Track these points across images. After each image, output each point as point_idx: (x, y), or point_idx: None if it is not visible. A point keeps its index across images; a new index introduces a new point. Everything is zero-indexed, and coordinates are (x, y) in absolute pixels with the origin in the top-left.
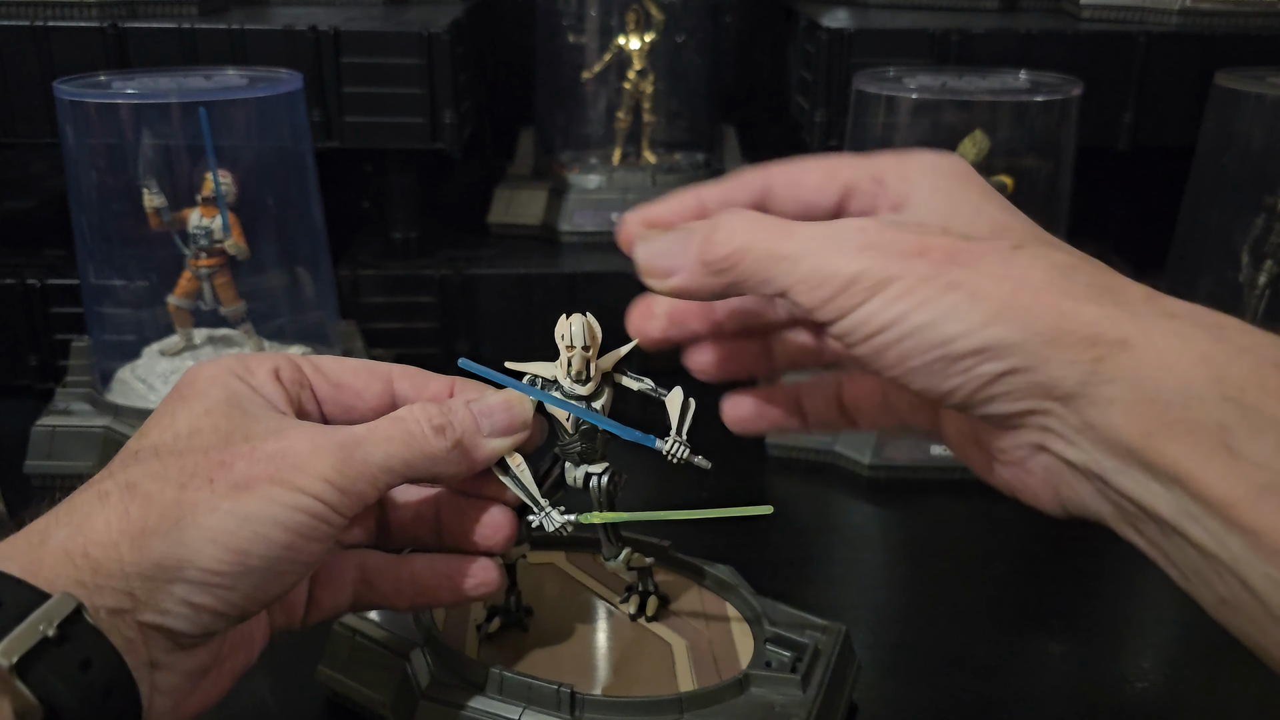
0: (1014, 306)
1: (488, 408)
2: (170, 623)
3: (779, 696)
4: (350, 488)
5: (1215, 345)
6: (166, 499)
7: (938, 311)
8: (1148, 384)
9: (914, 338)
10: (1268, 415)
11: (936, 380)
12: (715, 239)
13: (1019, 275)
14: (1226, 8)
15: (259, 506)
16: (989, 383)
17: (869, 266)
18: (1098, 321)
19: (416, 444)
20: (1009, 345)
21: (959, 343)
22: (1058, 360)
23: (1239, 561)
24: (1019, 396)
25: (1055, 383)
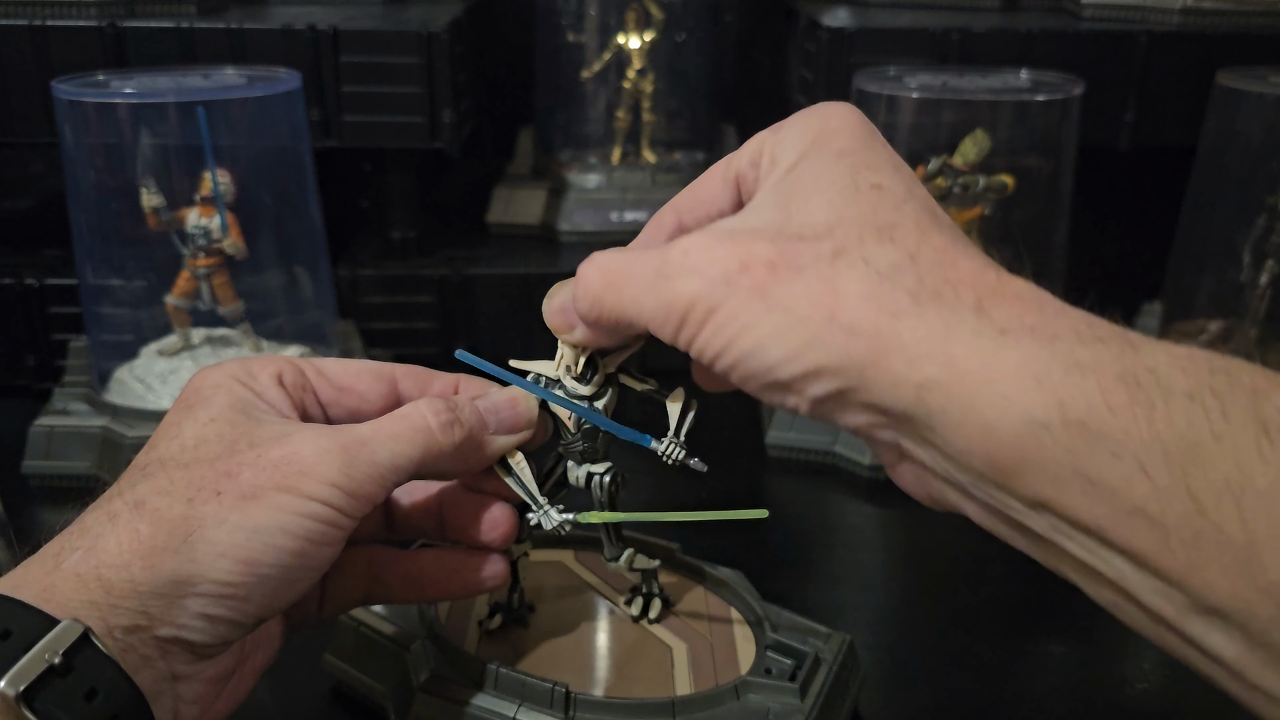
0: (832, 328)
1: (494, 405)
2: (187, 635)
3: (776, 704)
4: (358, 490)
5: (1050, 363)
6: (175, 515)
7: (759, 337)
8: (983, 412)
9: (745, 364)
10: (1119, 437)
11: (779, 399)
12: (578, 294)
13: (837, 289)
14: (1228, 7)
15: (267, 516)
16: (823, 403)
17: (698, 293)
18: (918, 344)
19: (423, 441)
20: (829, 370)
21: (783, 369)
22: (882, 385)
23: (1125, 577)
24: (856, 413)
25: (886, 406)
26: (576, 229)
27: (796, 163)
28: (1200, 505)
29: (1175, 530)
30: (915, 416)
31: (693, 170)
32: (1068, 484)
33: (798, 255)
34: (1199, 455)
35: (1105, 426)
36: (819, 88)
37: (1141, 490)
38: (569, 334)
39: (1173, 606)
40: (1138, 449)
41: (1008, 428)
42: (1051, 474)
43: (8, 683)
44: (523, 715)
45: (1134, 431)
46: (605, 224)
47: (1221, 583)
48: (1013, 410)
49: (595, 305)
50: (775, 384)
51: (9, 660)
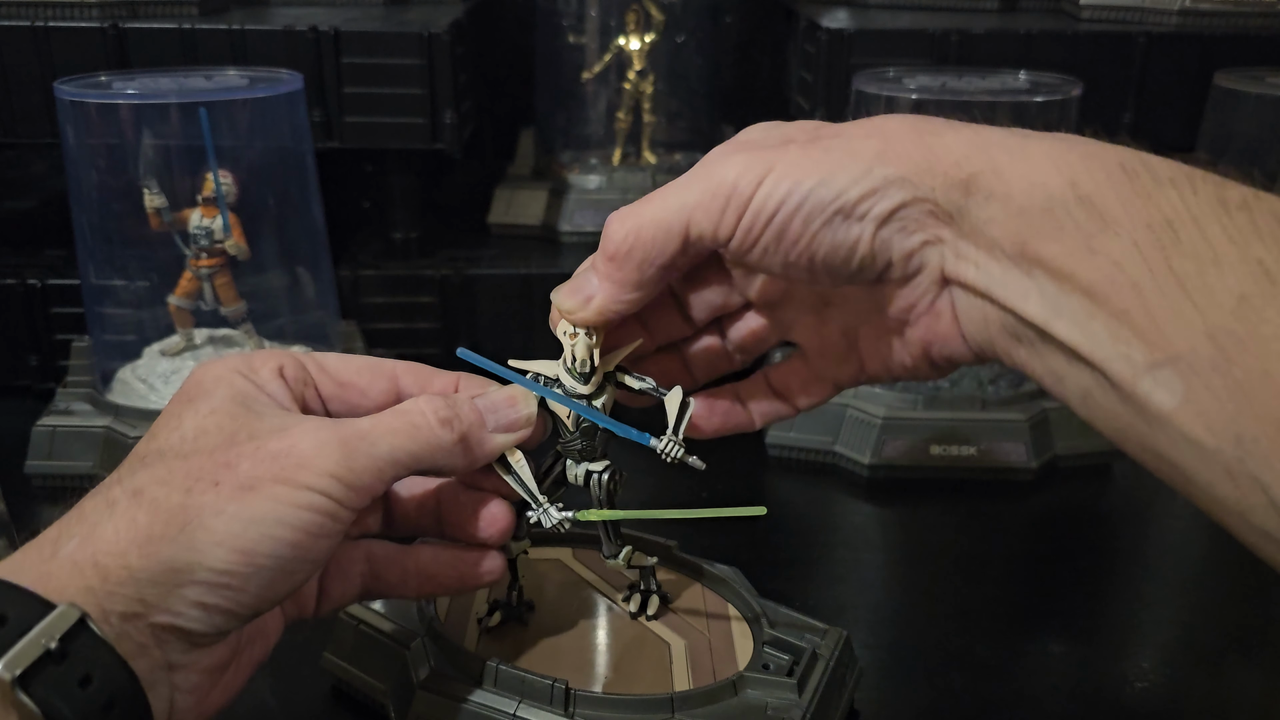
0: (888, 152)
1: (493, 403)
2: (183, 624)
3: (773, 699)
4: (356, 482)
5: (1067, 153)
6: (173, 504)
7: (823, 172)
8: (1017, 198)
9: (812, 198)
10: (1118, 215)
11: (842, 234)
12: (607, 234)
13: (882, 131)
14: (1226, 8)
15: (265, 507)
16: (885, 221)
17: (749, 162)
18: (962, 147)
19: (422, 436)
20: (894, 180)
21: (852, 190)
22: (938, 186)
23: (1099, 347)
24: (914, 228)
25: (940, 206)
26: (577, 230)
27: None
28: (1173, 270)
29: (1150, 291)
30: (964, 213)
31: None
32: (1077, 251)
33: (829, 130)
34: (1176, 230)
35: (1108, 204)
36: (818, 89)
37: (1131, 260)
38: (585, 307)
39: (1131, 368)
40: (1130, 225)
41: (1035, 206)
42: (1065, 245)
43: (3, 667)
44: (523, 712)
45: (1129, 209)
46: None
47: (1177, 331)
48: (1038, 193)
49: (632, 230)
50: (842, 210)
51: (5, 645)
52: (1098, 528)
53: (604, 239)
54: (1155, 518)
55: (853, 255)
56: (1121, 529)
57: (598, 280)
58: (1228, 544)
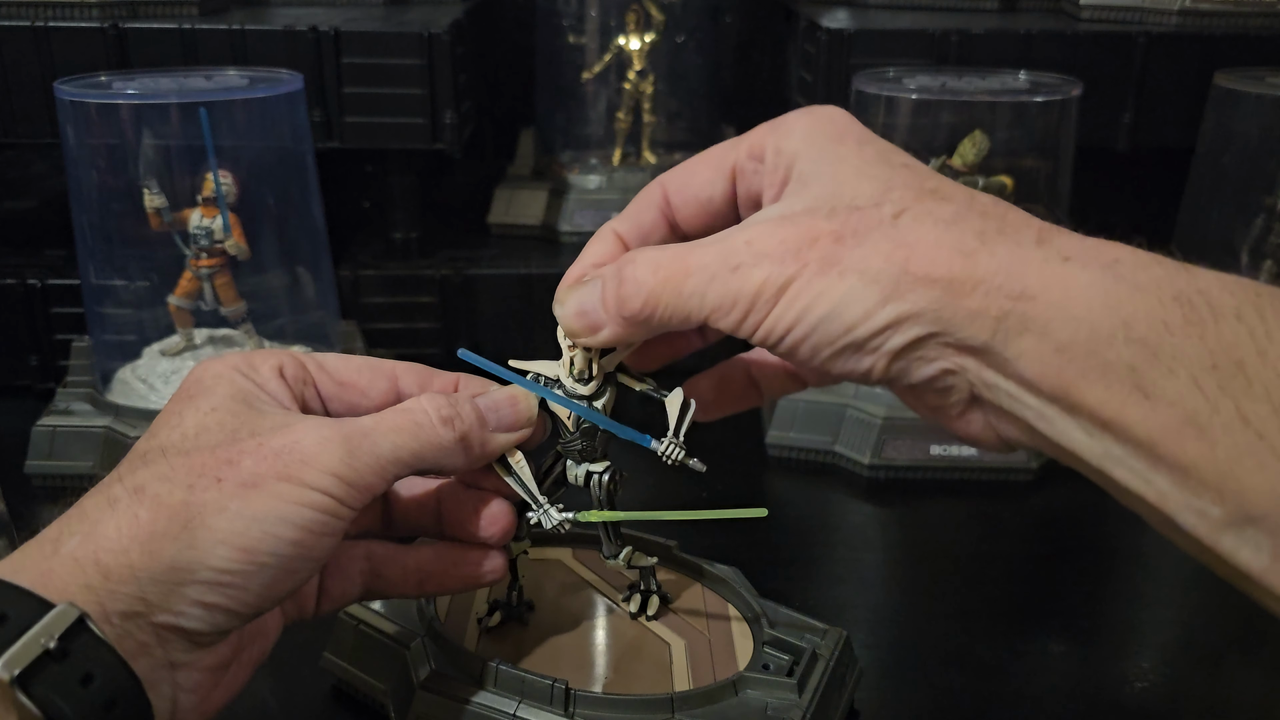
0: (908, 277)
1: (494, 403)
2: (185, 623)
3: (773, 699)
4: (358, 480)
5: (1115, 285)
6: (175, 501)
7: (835, 302)
8: (1056, 334)
9: (820, 331)
10: (1175, 353)
11: (851, 365)
12: (625, 294)
13: (907, 243)
14: (1226, 8)
15: (267, 505)
16: (899, 356)
17: (768, 276)
18: (994, 275)
19: (424, 435)
20: (909, 316)
21: (861, 327)
22: (961, 320)
23: (1165, 498)
24: (932, 359)
25: (964, 341)
26: (577, 230)
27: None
28: (1244, 416)
29: (1220, 440)
30: (992, 348)
31: None
32: (1128, 398)
33: (860, 222)
34: (1245, 370)
35: (1163, 343)
36: (818, 89)
37: (1193, 403)
38: (591, 336)
39: (1207, 524)
40: (1191, 364)
41: (1078, 346)
42: (1113, 389)
43: (3, 667)
44: (523, 712)
45: (1188, 348)
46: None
47: (1257, 489)
48: (1083, 330)
49: (649, 302)
50: (852, 345)
51: (4, 644)
52: (1098, 528)
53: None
54: None
55: (868, 378)
56: (1121, 529)
57: (607, 319)
58: None
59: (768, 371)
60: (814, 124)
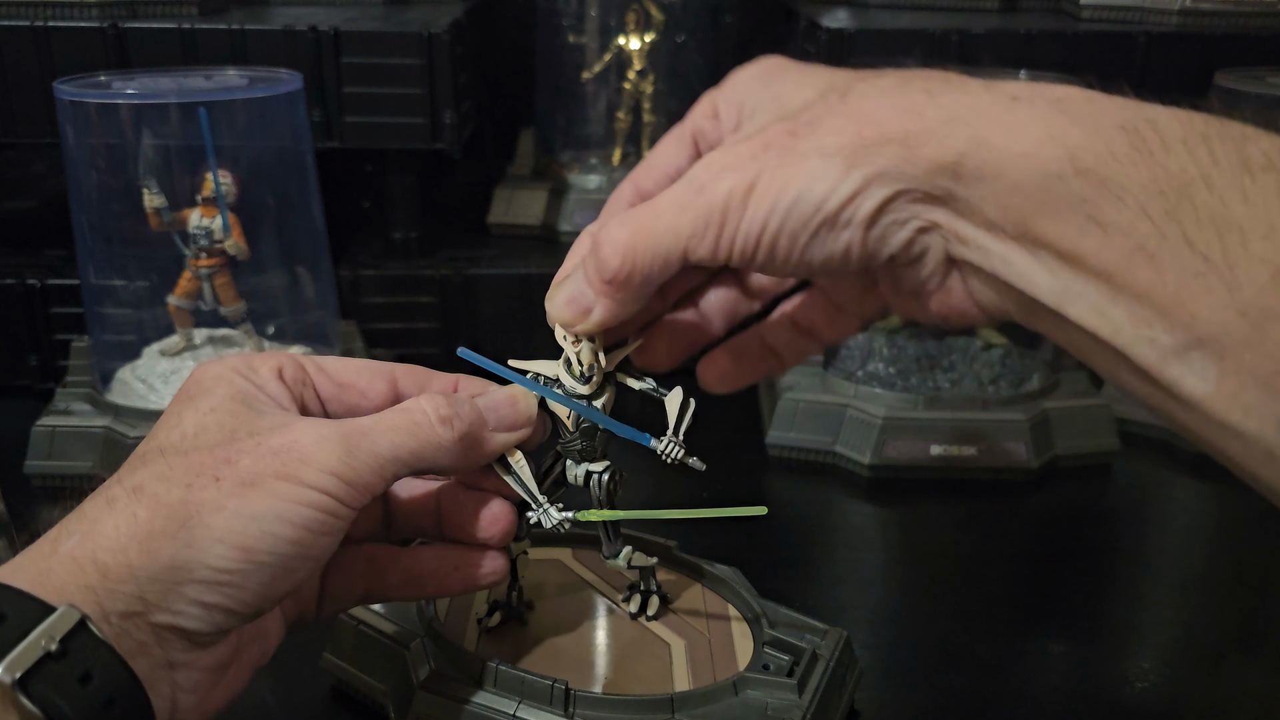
0: (864, 143)
1: (494, 403)
2: (183, 623)
3: (773, 700)
4: (357, 480)
5: (1060, 118)
6: (173, 500)
7: (801, 185)
8: (1010, 172)
9: (793, 215)
10: (1123, 182)
11: (830, 246)
12: (602, 256)
13: (858, 114)
14: (1226, 8)
15: (266, 504)
16: (873, 221)
17: (733, 184)
18: (945, 122)
19: (423, 435)
20: (874, 177)
21: (830, 200)
22: (923, 170)
23: (1119, 330)
24: (904, 221)
25: (928, 193)
26: (577, 229)
27: (761, 87)
28: (1190, 240)
29: (1169, 265)
30: (957, 193)
31: None
32: (1080, 230)
33: (809, 113)
34: (1190, 195)
35: (1110, 172)
36: None
37: (1142, 230)
38: (584, 320)
39: (1157, 351)
40: (1139, 192)
41: (1031, 183)
42: (1067, 221)
43: (4, 669)
44: (523, 712)
45: (1135, 176)
46: None
47: (1205, 310)
48: (1032, 166)
49: (627, 255)
50: (825, 221)
51: (5, 646)
52: (1098, 528)
53: (599, 260)
54: (1155, 518)
55: (848, 259)
56: (1121, 529)
57: (594, 295)
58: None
59: (781, 334)
60: (754, 69)
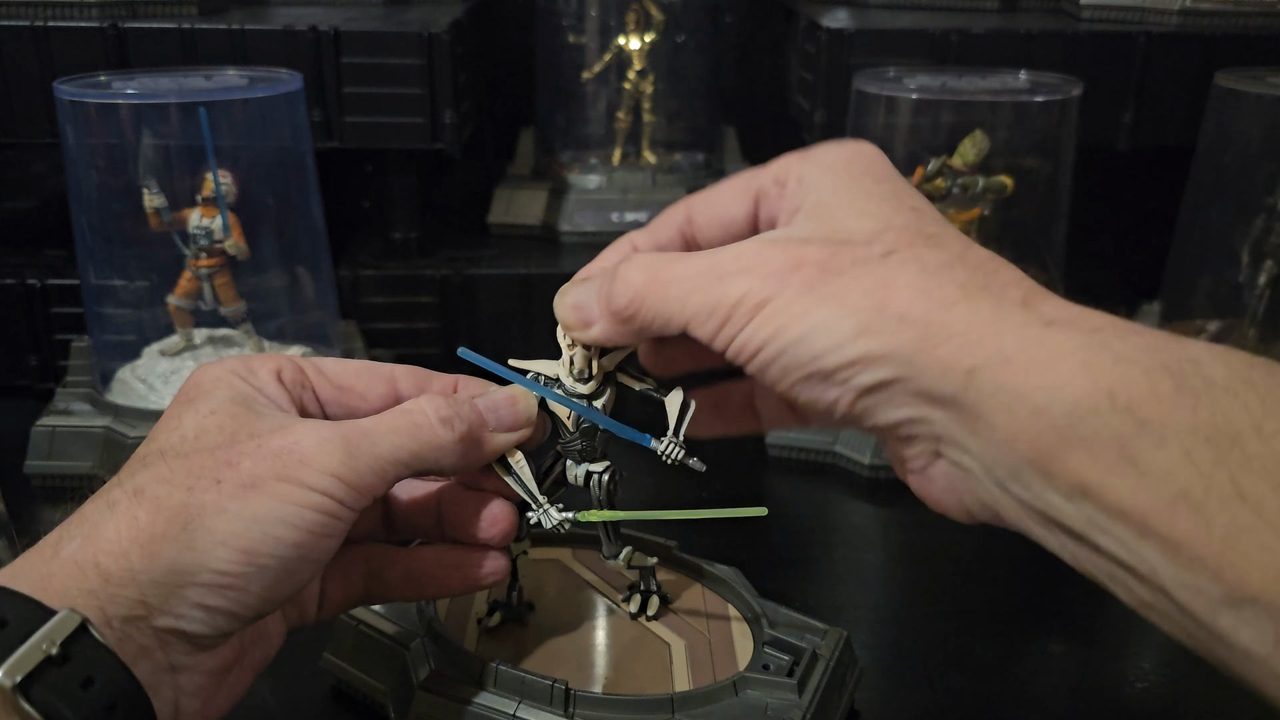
0: (883, 317)
1: (494, 403)
2: (185, 626)
3: (773, 700)
4: (359, 481)
5: (1100, 353)
6: (174, 503)
7: (808, 327)
8: (1032, 397)
9: (788, 355)
10: (1165, 424)
11: (818, 394)
12: (614, 290)
13: (890, 283)
14: (1226, 8)
15: (267, 506)
16: (866, 394)
17: (749, 289)
18: (969, 329)
19: (423, 435)
20: (879, 356)
21: (830, 357)
22: (931, 370)
23: (1157, 571)
24: (898, 405)
25: (932, 391)
26: (577, 229)
27: (834, 185)
28: (1241, 492)
29: (1216, 516)
30: (963, 402)
31: (693, 171)
32: (1113, 469)
33: (849, 255)
34: (1241, 444)
35: (1151, 413)
36: (819, 89)
37: (1185, 476)
38: (583, 331)
39: (1204, 600)
40: (1183, 436)
41: (1057, 411)
42: (1098, 459)
43: (5, 673)
44: (523, 712)
45: (1179, 419)
46: (606, 225)
47: (1257, 570)
48: (1062, 395)
49: (635, 301)
50: (819, 373)
51: (6, 650)
52: None
53: (611, 288)
54: None
55: (832, 412)
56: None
57: (598, 315)
58: None
59: (768, 399)
60: (839, 157)
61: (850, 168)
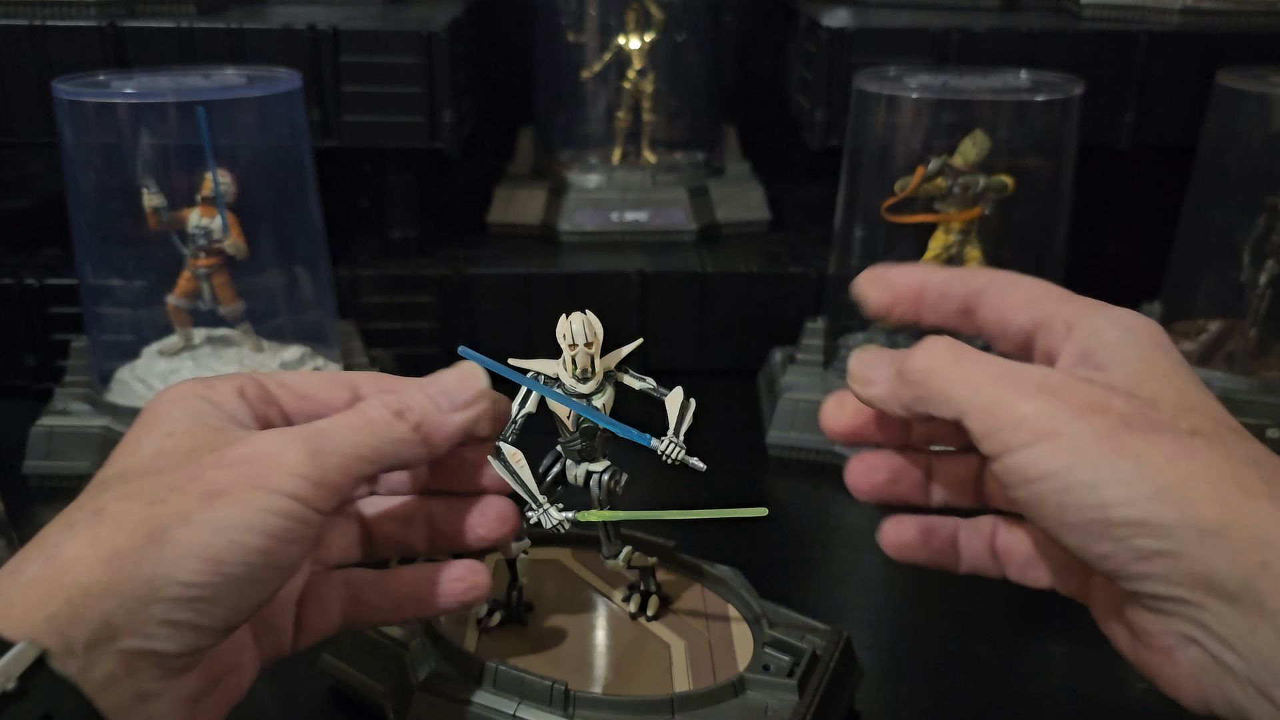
0: (1182, 488)
1: (444, 386)
2: (153, 645)
3: (774, 701)
4: (324, 479)
5: None
6: (137, 517)
7: (1102, 474)
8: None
9: (1073, 494)
10: None
11: (1089, 542)
12: (915, 354)
13: (1195, 458)
14: (1228, 7)
15: (233, 513)
16: (1143, 559)
17: (1043, 411)
18: (1270, 523)
19: (380, 430)
20: (1168, 526)
21: (1118, 510)
22: (1219, 555)
23: None
24: (1175, 582)
25: (1215, 577)
26: (577, 229)
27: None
28: None
29: None
30: (1249, 594)
31: (692, 170)
32: None
33: (1155, 419)
34: None
35: None
36: (819, 88)
37: None
38: (863, 387)
39: None
40: None
41: None
42: None
43: None
44: (522, 713)
45: None
46: (606, 224)
47: None
48: None
49: (928, 370)
50: (1101, 523)
51: None
52: None
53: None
54: None
55: (1098, 561)
56: None
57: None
58: None
59: (974, 542)
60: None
61: (1152, 336)
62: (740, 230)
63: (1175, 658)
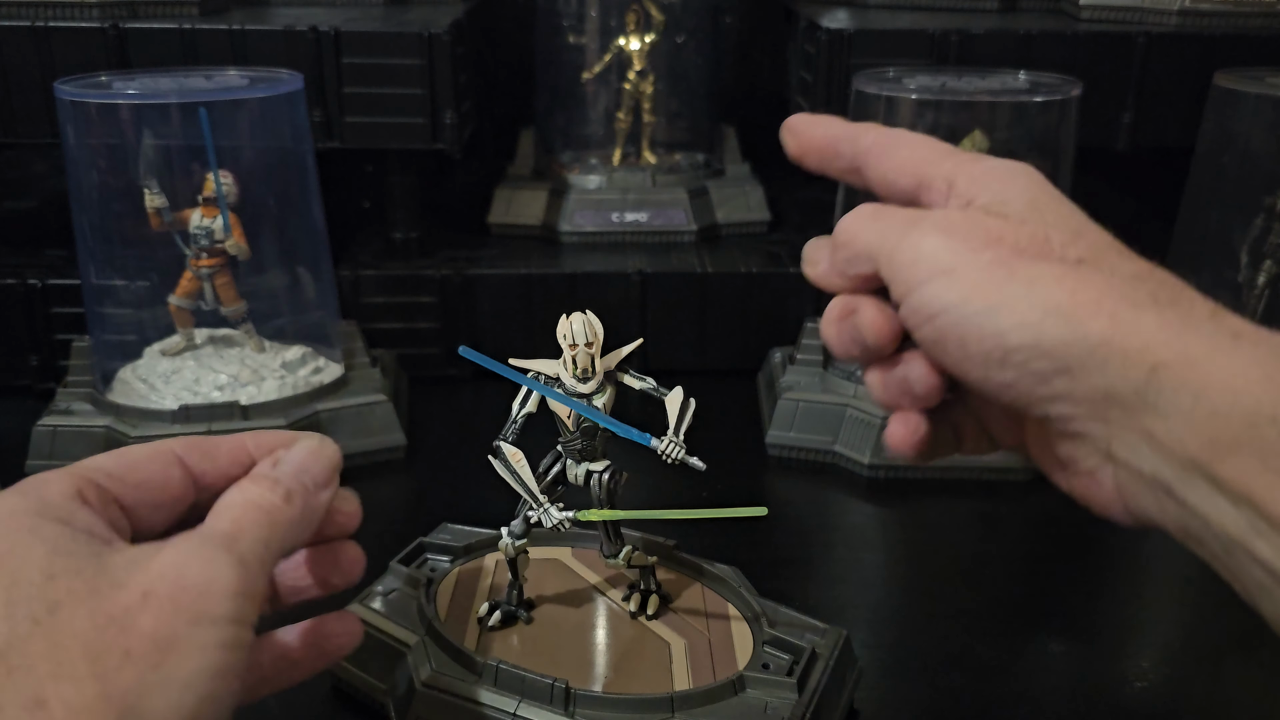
0: (1070, 307)
1: (299, 465)
2: None
3: (773, 699)
4: (253, 589)
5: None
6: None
7: (995, 301)
8: (1212, 399)
9: (970, 324)
10: None
11: (992, 372)
12: (843, 219)
13: (1083, 280)
14: (1226, 8)
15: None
16: (1043, 381)
17: (940, 247)
18: (1156, 331)
19: (278, 517)
20: (1061, 344)
21: (1012, 335)
22: (1112, 366)
23: None
24: (1077, 401)
25: (1112, 390)
26: (577, 229)
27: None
28: None
29: None
30: (1142, 398)
31: (693, 171)
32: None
33: (1045, 247)
34: None
35: None
36: (818, 89)
37: None
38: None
39: None
40: None
41: (1235, 416)
42: (1268, 465)
43: None
44: (523, 711)
45: None
46: (606, 225)
47: None
48: (1241, 401)
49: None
50: (995, 350)
51: None
52: (1098, 528)
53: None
54: None
55: (1002, 391)
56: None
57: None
58: None
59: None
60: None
61: (1031, 176)
62: (740, 231)
63: (1098, 478)
